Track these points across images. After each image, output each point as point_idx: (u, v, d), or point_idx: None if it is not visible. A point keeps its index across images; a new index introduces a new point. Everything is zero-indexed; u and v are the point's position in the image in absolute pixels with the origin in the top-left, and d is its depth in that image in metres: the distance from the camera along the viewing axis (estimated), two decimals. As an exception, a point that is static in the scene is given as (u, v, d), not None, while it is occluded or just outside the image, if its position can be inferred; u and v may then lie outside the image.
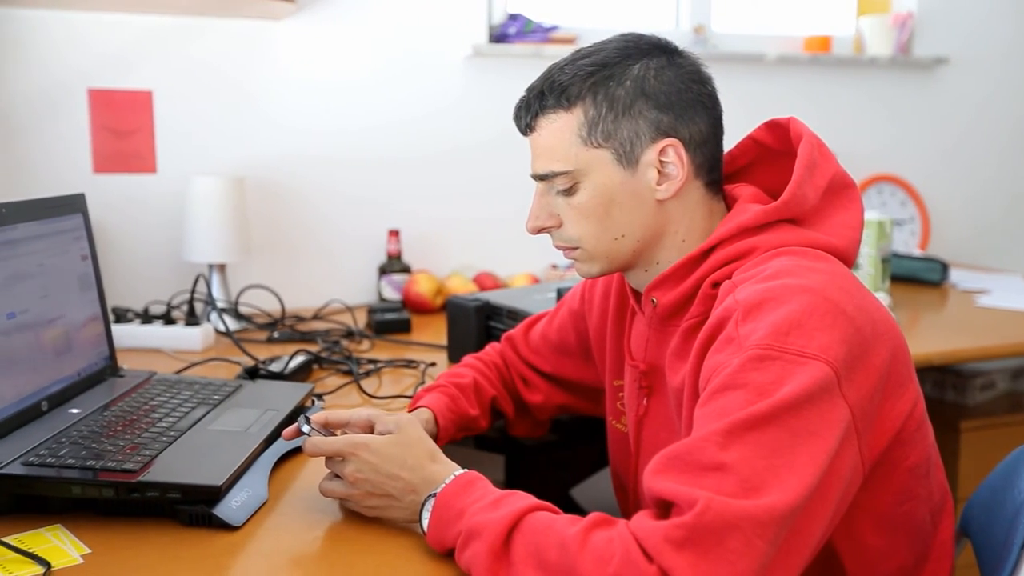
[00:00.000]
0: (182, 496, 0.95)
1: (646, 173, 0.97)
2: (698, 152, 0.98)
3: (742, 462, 0.77)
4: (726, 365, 0.84)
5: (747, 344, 0.83)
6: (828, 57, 2.57)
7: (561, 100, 0.97)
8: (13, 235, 1.11)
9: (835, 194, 1.00)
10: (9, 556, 0.87)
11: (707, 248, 0.97)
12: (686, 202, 0.99)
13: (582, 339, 1.26)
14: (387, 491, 0.94)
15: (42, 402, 1.11)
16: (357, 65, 2.18)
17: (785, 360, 0.81)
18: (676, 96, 0.96)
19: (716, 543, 0.74)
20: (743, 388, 0.81)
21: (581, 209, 0.99)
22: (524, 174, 1.04)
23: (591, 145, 0.97)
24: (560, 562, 0.78)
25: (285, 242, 2.16)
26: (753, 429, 0.78)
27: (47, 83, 1.94)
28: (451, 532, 0.87)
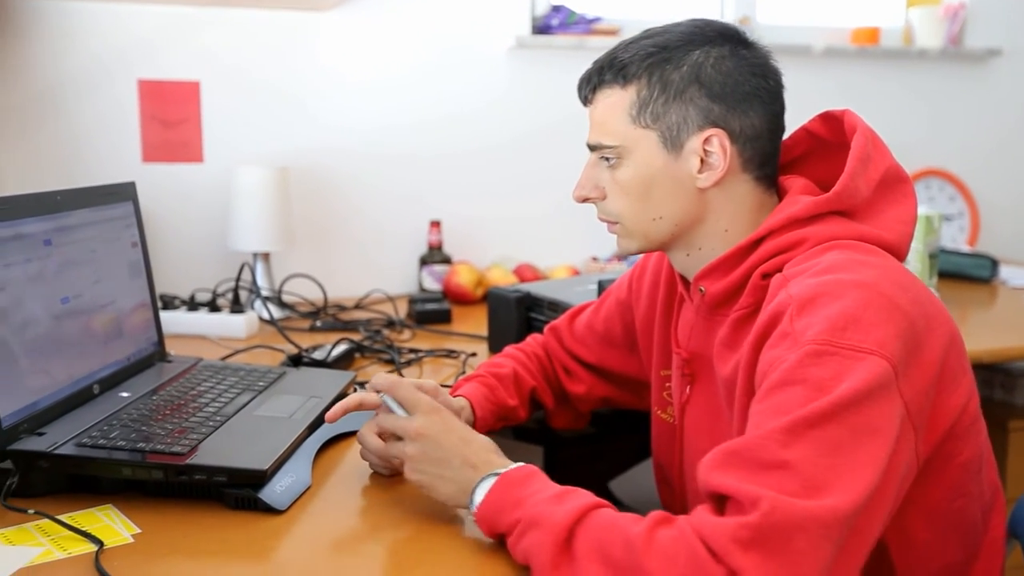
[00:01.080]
0: (228, 480, 0.97)
1: (689, 160, 0.97)
2: (748, 146, 0.98)
3: (804, 461, 0.76)
4: (782, 360, 0.83)
5: (803, 339, 0.82)
6: (876, 49, 2.53)
7: (618, 77, 0.99)
8: (68, 222, 1.13)
9: (888, 188, 0.99)
10: (64, 534, 0.90)
11: (756, 239, 0.97)
12: (730, 193, 0.99)
13: (628, 330, 1.26)
14: (445, 458, 0.93)
15: (94, 385, 1.14)
16: (400, 57, 2.19)
17: (843, 356, 0.80)
18: (731, 87, 0.96)
19: (783, 544, 0.73)
20: (802, 384, 0.80)
21: (623, 185, 1.00)
22: (566, 166, 1.06)
23: (639, 125, 0.98)
24: (625, 559, 0.77)
25: (328, 232, 2.18)
26: (814, 427, 0.77)
27: (99, 74, 1.98)
28: (506, 518, 0.86)
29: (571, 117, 2.31)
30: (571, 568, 0.80)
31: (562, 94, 2.28)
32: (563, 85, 2.30)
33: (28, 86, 1.95)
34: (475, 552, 0.90)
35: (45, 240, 1.08)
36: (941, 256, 2.27)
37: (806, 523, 0.74)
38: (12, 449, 0.96)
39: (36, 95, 1.95)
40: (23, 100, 1.95)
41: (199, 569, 0.86)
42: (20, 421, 0.99)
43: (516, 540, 0.84)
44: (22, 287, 1.03)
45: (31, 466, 0.97)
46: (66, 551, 0.87)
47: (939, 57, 2.60)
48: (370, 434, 1.04)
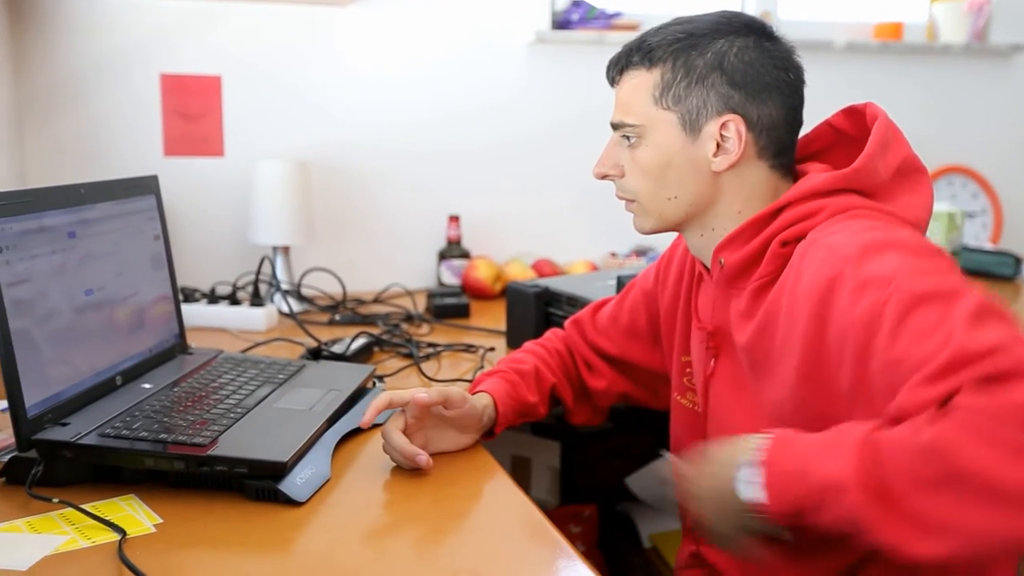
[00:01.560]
0: (249, 471, 0.97)
1: (706, 143, 1.01)
2: (764, 135, 1.01)
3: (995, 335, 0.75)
4: (886, 299, 0.82)
5: (889, 276, 0.83)
6: (899, 44, 2.51)
7: (645, 59, 1.03)
8: (91, 214, 1.14)
9: (905, 176, 1.01)
10: (87, 523, 0.91)
11: (775, 208, 0.99)
12: (744, 178, 1.02)
13: (653, 321, 1.26)
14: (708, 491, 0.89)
15: (116, 376, 1.15)
16: (420, 52, 2.19)
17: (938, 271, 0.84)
18: (752, 77, 0.99)
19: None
20: (929, 298, 0.80)
21: (641, 164, 1.04)
22: (585, 161, 1.07)
23: (661, 106, 1.02)
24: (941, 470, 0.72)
25: (347, 226, 2.19)
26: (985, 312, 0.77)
27: (121, 67, 2.00)
28: (795, 495, 0.80)
29: (590, 112, 2.31)
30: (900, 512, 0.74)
31: (582, 89, 2.29)
32: (583, 80, 2.31)
33: (50, 78, 1.96)
34: (493, 543, 0.90)
35: (69, 232, 1.09)
36: (964, 254, 2.25)
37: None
38: (37, 438, 0.98)
39: (58, 87, 1.97)
40: (46, 91, 1.97)
41: (220, 559, 0.86)
42: (45, 411, 1.00)
43: (818, 513, 0.79)
44: (47, 279, 1.04)
45: (55, 455, 0.98)
46: (90, 540, 0.88)
47: (963, 52, 2.58)
48: (395, 429, 1.05)
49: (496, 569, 0.85)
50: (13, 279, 0.98)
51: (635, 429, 1.76)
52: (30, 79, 1.95)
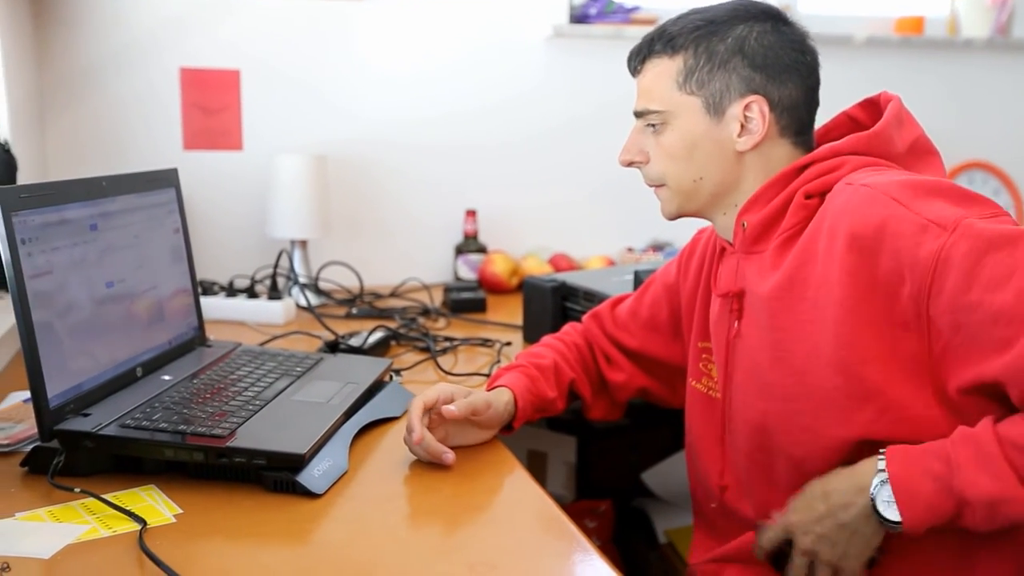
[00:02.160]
0: (267, 463, 0.98)
1: (730, 125, 1.04)
2: (785, 114, 1.04)
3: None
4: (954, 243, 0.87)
5: (949, 224, 0.87)
6: (920, 39, 2.48)
7: (667, 47, 1.06)
8: (112, 207, 1.15)
9: (918, 156, 1.05)
10: (108, 512, 0.92)
11: (800, 166, 1.03)
12: (767, 156, 1.05)
13: (674, 313, 1.27)
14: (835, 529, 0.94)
15: (136, 368, 1.16)
16: (438, 47, 2.19)
17: (993, 215, 0.88)
18: (772, 59, 1.03)
19: None
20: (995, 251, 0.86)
21: (667, 148, 1.07)
22: (602, 156, 1.09)
23: (685, 91, 1.05)
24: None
25: (364, 220, 2.19)
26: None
27: (142, 62, 2.01)
28: (936, 508, 0.88)
29: (608, 106, 2.30)
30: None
31: (599, 84, 2.29)
32: (600, 74, 2.31)
33: (72, 68, 1.98)
34: (510, 537, 0.90)
35: (91, 225, 1.10)
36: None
37: None
38: (59, 429, 0.99)
39: (79, 78, 1.99)
40: (67, 81, 1.98)
41: (239, 550, 0.87)
42: (66, 402, 1.01)
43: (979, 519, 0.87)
44: (68, 271, 1.05)
45: (77, 446, 0.99)
46: (111, 529, 0.89)
47: (986, 47, 2.55)
48: (418, 422, 1.06)
49: (513, 562, 0.86)
50: (35, 271, 0.99)
51: (651, 425, 1.76)
52: (52, 69, 1.97)
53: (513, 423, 1.17)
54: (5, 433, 1.11)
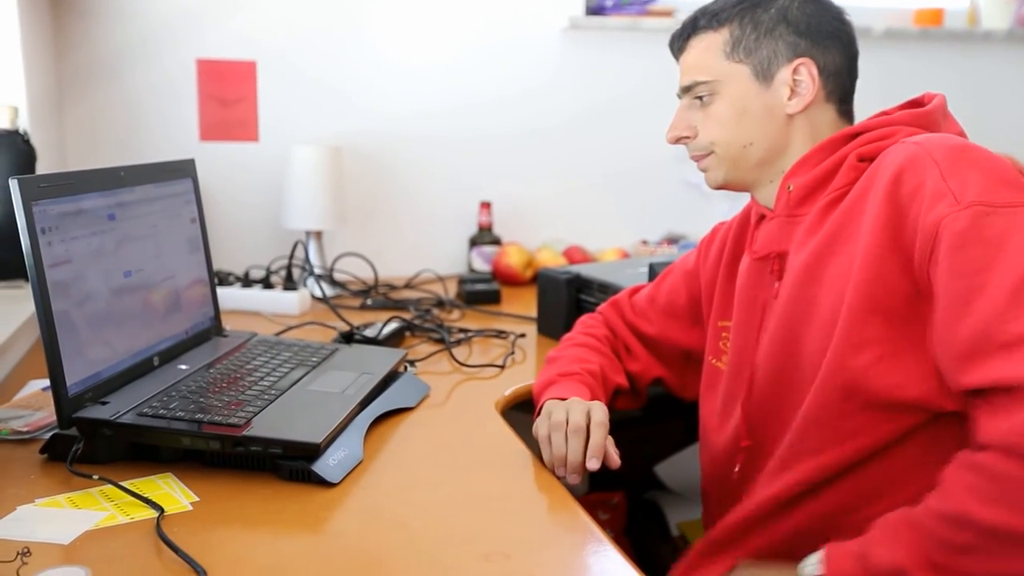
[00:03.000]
0: (283, 452, 0.99)
1: (779, 89, 1.06)
2: (830, 79, 1.07)
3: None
4: (951, 221, 0.87)
5: (965, 200, 0.87)
6: (939, 31, 2.46)
7: (712, 22, 1.09)
8: (130, 197, 1.16)
9: None
10: (126, 499, 0.93)
11: (851, 133, 1.04)
12: (814, 120, 1.07)
13: (693, 299, 1.27)
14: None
15: (154, 357, 1.17)
16: (454, 38, 2.19)
17: (1006, 213, 0.87)
18: (816, 26, 1.06)
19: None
20: (982, 246, 0.85)
21: (716, 117, 1.08)
22: (617, 148, 1.09)
23: (733, 60, 1.07)
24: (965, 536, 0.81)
25: (379, 212, 2.20)
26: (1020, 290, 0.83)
27: (159, 53, 2.02)
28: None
29: (624, 98, 2.30)
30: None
31: (615, 75, 2.28)
32: (616, 66, 2.30)
33: (89, 58, 1.99)
34: (524, 527, 0.90)
35: (109, 215, 1.11)
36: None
37: None
38: (77, 417, 1.00)
39: (97, 70, 2.00)
40: (85, 71, 2.00)
41: (255, 538, 0.88)
42: (85, 390, 1.02)
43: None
44: (87, 261, 1.06)
45: (95, 433, 1.00)
46: (129, 516, 0.90)
47: (1006, 39, 2.53)
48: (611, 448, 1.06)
49: (527, 553, 0.86)
50: (54, 260, 1.00)
51: (664, 417, 1.76)
52: (70, 60, 1.98)
53: None
54: (24, 421, 1.13)
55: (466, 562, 0.84)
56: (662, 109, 1.58)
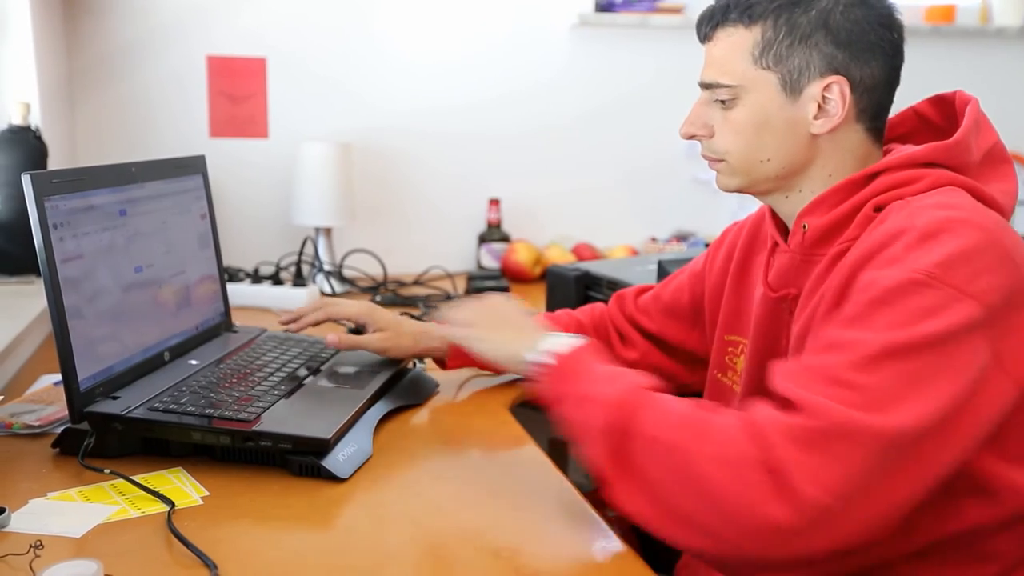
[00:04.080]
0: (293, 447, 0.99)
1: (806, 105, 0.98)
2: (865, 96, 0.98)
3: (875, 386, 0.80)
4: (884, 280, 0.85)
5: (912, 267, 0.84)
6: (951, 28, 2.45)
7: (743, 16, 0.98)
8: (141, 193, 1.16)
9: (993, 164, 0.99)
10: (137, 494, 0.93)
11: (871, 173, 0.97)
12: (840, 142, 0.99)
13: (696, 301, 1.26)
14: (515, 319, 1.06)
15: (164, 352, 1.17)
16: (462, 36, 2.19)
17: (944, 292, 0.82)
18: (857, 36, 0.96)
19: (830, 448, 0.78)
20: (894, 309, 0.83)
21: (735, 124, 1.00)
22: (627, 145, 1.06)
23: (760, 66, 0.98)
24: (678, 439, 0.83)
25: (388, 208, 2.20)
26: (892, 357, 0.81)
27: (169, 50, 2.03)
28: (562, 389, 0.94)
29: (633, 95, 2.30)
30: (626, 449, 0.85)
31: (624, 72, 2.28)
32: (625, 63, 2.30)
33: (100, 57, 2.00)
34: (533, 523, 0.91)
35: (120, 210, 1.11)
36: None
37: (857, 434, 0.78)
38: (89, 411, 1.00)
39: (107, 67, 2.01)
40: (95, 66, 2.00)
41: (265, 532, 0.88)
42: (96, 385, 1.03)
43: (571, 412, 0.92)
44: (98, 256, 1.06)
45: (106, 428, 1.01)
46: (140, 510, 0.90)
47: (1018, 36, 2.51)
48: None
49: (536, 548, 0.86)
50: (66, 256, 1.00)
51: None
52: (81, 57, 1.99)
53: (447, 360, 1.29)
54: (36, 415, 1.13)
55: (475, 557, 0.84)
56: (671, 106, 1.58)
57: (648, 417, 0.86)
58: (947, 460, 0.82)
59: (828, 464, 0.78)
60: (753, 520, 0.78)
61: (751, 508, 0.78)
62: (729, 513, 0.79)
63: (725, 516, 0.79)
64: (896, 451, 0.78)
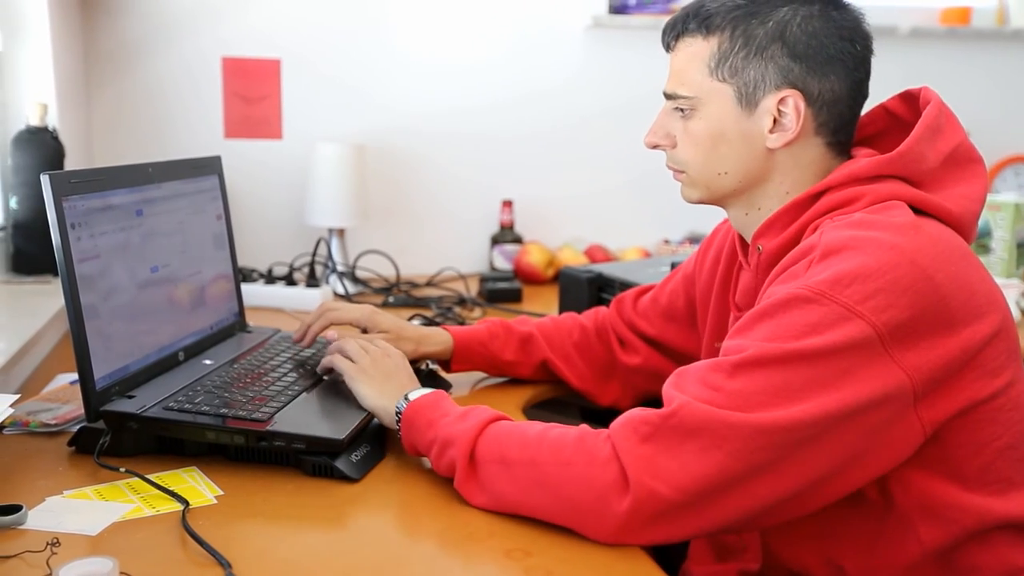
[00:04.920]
0: (306, 447, 0.99)
1: (762, 119, 0.97)
2: (824, 110, 0.97)
3: (740, 389, 0.84)
4: (776, 295, 0.87)
5: (804, 283, 0.85)
6: (967, 30, 2.44)
7: (701, 27, 0.99)
8: (158, 193, 1.17)
9: (958, 165, 0.97)
10: (152, 492, 0.94)
11: (815, 193, 0.96)
12: (798, 156, 0.98)
13: (690, 304, 1.26)
14: (388, 371, 1.10)
15: (179, 352, 1.18)
16: (476, 37, 2.20)
17: (829, 309, 0.83)
18: (815, 49, 0.95)
19: (676, 443, 0.82)
20: (773, 322, 0.85)
21: (692, 136, 1.01)
22: (639, 148, 1.06)
23: (716, 78, 0.98)
24: (520, 455, 0.89)
25: (401, 209, 2.21)
26: (763, 366, 0.83)
27: (185, 51, 2.04)
28: (423, 439, 0.98)
29: (646, 98, 2.28)
30: (475, 475, 0.92)
31: (637, 74, 2.27)
32: (639, 65, 2.29)
33: (116, 59, 2.01)
34: (545, 524, 0.90)
35: (137, 210, 1.12)
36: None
37: (704, 427, 0.81)
38: (105, 410, 1.01)
39: (123, 69, 2.02)
40: (111, 72, 2.02)
41: (279, 532, 0.89)
42: (112, 384, 1.04)
43: (437, 460, 0.97)
44: (115, 255, 1.07)
45: (122, 427, 1.01)
46: (154, 508, 0.91)
47: (1034, 39, 2.50)
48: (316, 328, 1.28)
49: (548, 549, 0.86)
50: (83, 255, 1.01)
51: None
52: (97, 59, 2.01)
53: (449, 364, 1.30)
54: (52, 414, 1.14)
55: (486, 559, 0.85)
56: (685, 108, 1.58)
57: (489, 449, 0.92)
58: (815, 467, 0.84)
59: (674, 457, 0.82)
60: (600, 513, 0.84)
61: (598, 501, 0.84)
62: (580, 510, 0.85)
63: (578, 513, 0.85)
64: (753, 449, 0.81)
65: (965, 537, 0.90)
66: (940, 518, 0.90)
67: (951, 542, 0.90)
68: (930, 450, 0.88)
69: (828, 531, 0.94)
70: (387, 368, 1.10)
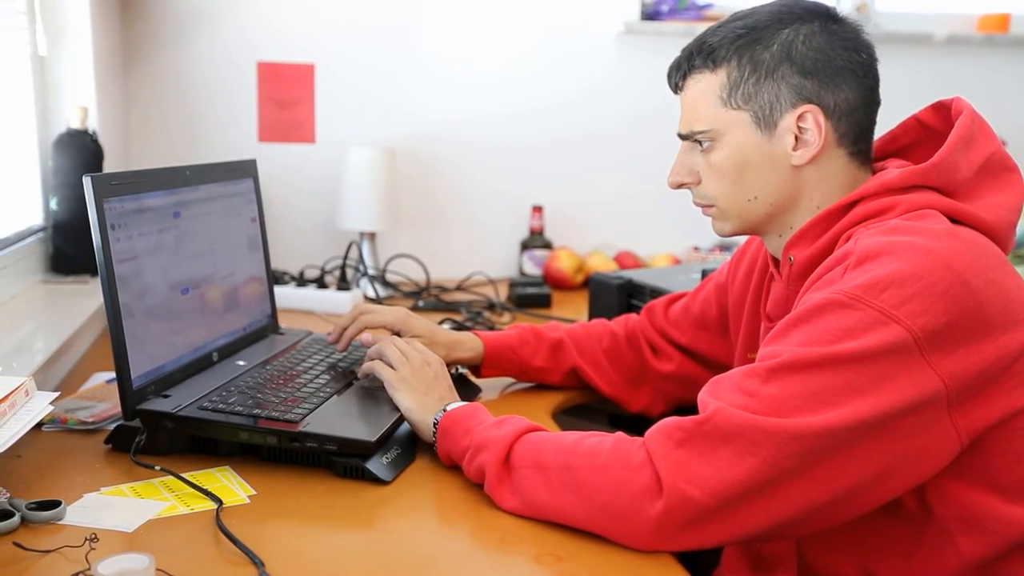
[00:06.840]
0: (338, 449, 1.00)
1: (784, 138, 0.97)
2: (842, 121, 0.97)
3: (774, 392, 0.83)
4: (811, 301, 0.87)
5: (840, 289, 0.85)
6: (1004, 37, 2.41)
7: (707, 61, 0.99)
8: (194, 196, 1.19)
9: (992, 174, 0.97)
10: (186, 491, 0.95)
11: (848, 203, 0.97)
12: (824, 170, 0.99)
13: (723, 313, 1.26)
14: (428, 381, 1.10)
15: (213, 353, 1.20)
16: (508, 43, 2.20)
17: (864, 314, 0.83)
18: (824, 63, 0.96)
19: (710, 448, 0.83)
20: (807, 326, 0.85)
21: (717, 168, 1.01)
22: (670, 154, 1.06)
23: (730, 107, 0.98)
24: (556, 460, 0.90)
25: (432, 214, 2.22)
26: (799, 371, 0.83)
27: (221, 55, 2.07)
28: (458, 446, 0.99)
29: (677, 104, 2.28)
30: (508, 479, 0.93)
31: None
32: (671, 72, 2.29)
33: (155, 65, 2.05)
34: (574, 529, 0.91)
35: (174, 212, 1.14)
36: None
37: (739, 432, 0.82)
38: (141, 409, 1.02)
39: (162, 75, 2.05)
40: (151, 77, 2.05)
41: (310, 532, 0.89)
42: (148, 383, 1.05)
43: (468, 464, 0.97)
44: (152, 257, 1.08)
45: (157, 425, 1.03)
46: (189, 507, 0.92)
47: (1074, 47, 2.46)
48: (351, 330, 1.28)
49: (577, 554, 0.86)
50: (121, 256, 1.02)
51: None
52: (137, 60, 2.04)
53: (480, 370, 1.31)
54: (89, 412, 1.16)
55: (516, 563, 0.85)
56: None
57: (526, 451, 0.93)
58: (850, 473, 0.83)
59: (708, 463, 0.82)
60: (633, 518, 0.84)
61: (631, 506, 0.84)
62: (613, 515, 0.85)
63: (610, 518, 0.85)
64: (787, 454, 0.81)
65: (1006, 549, 0.89)
66: (979, 529, 0.89)
67: (991, 554, 0.89)
68: (969, 460, 0.87)
69: (865, 542, 0.93)
70: (427, 377, 1.10)
